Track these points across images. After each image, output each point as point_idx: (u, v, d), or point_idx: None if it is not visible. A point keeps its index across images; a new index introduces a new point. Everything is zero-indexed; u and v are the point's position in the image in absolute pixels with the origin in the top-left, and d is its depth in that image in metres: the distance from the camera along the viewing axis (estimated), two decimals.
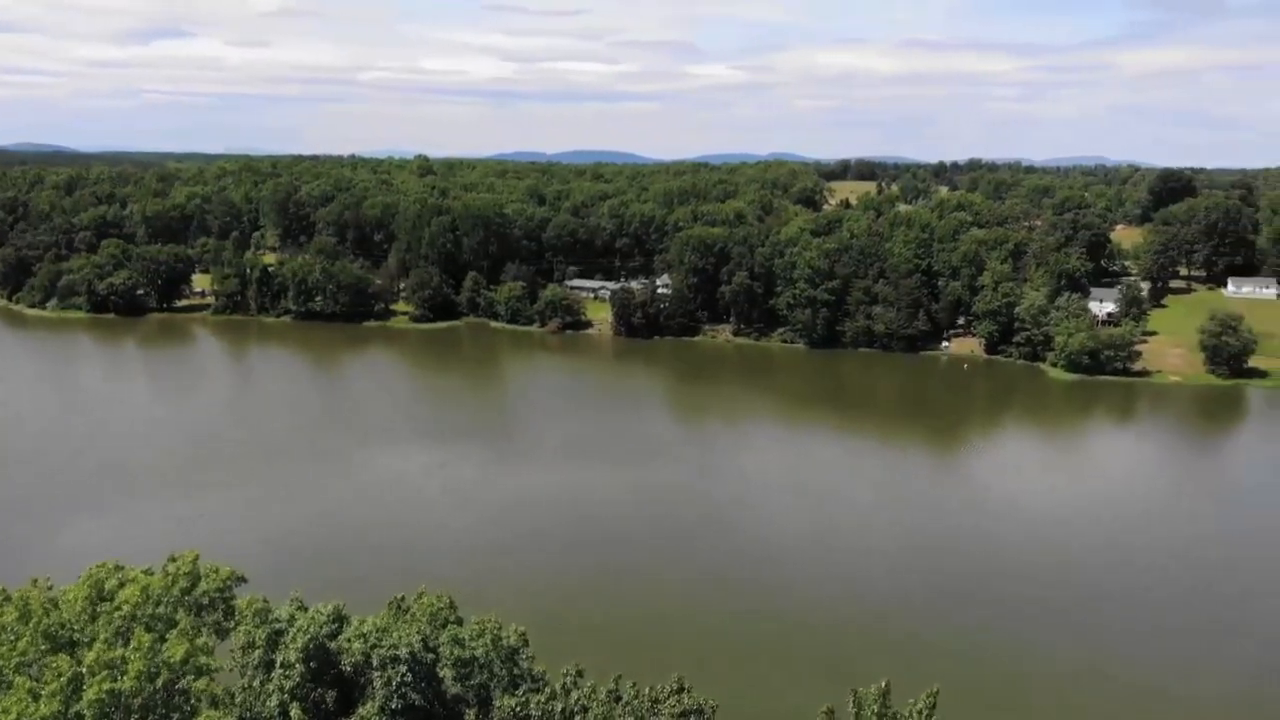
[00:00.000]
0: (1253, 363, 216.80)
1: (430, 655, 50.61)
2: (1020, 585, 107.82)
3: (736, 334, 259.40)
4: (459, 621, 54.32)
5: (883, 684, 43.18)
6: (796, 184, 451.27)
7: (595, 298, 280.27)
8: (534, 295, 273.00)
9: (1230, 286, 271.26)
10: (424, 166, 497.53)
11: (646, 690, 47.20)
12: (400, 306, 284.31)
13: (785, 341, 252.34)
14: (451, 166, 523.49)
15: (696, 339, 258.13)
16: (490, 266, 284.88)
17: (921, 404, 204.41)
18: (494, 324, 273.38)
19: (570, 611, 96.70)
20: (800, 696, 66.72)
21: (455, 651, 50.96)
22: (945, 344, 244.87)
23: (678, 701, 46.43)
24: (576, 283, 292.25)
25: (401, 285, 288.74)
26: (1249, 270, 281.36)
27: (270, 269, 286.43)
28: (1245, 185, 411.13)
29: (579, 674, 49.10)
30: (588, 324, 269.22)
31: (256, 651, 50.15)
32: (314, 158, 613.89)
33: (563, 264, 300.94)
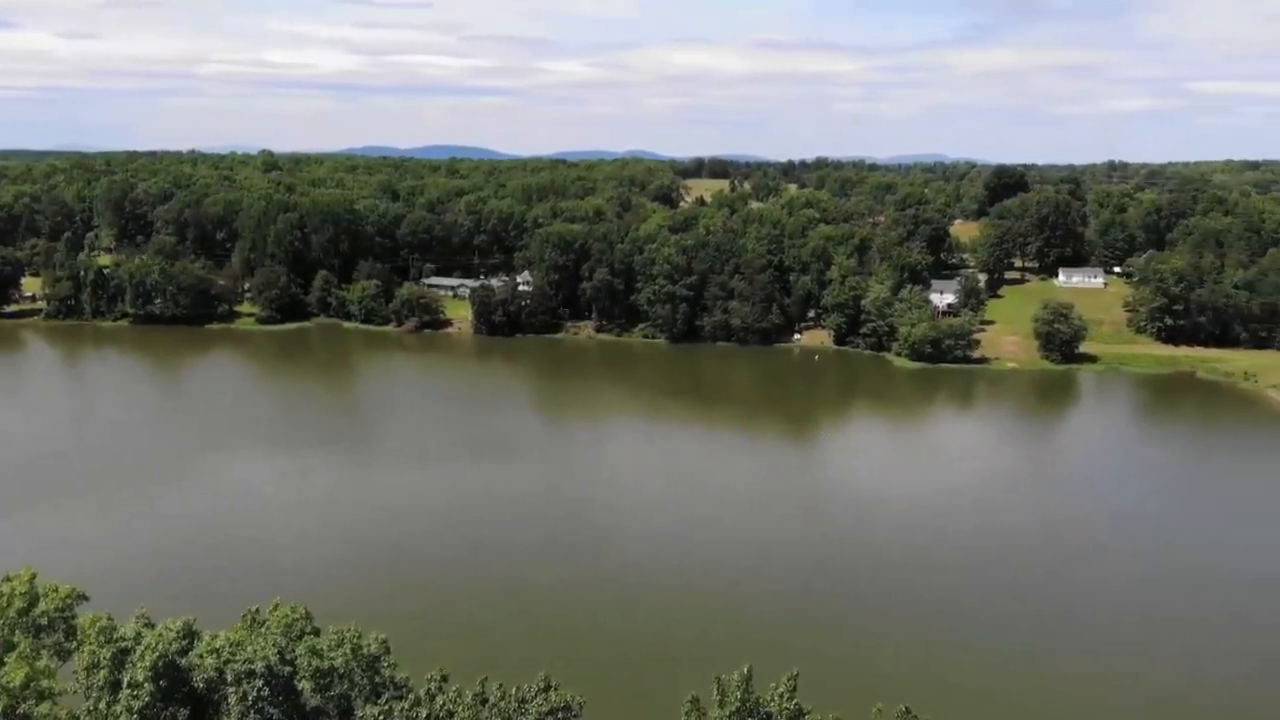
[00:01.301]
0: (1083, 348, 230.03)
1: (287, 668, 49.28)
2: (875, 569, 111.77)
3: (599, 330, 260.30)
4: (316, 632, 52.97)
5: (745, 670, 44.16)
6: (653, 181, 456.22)
7: (454, 296, 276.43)
8: (389, 294, 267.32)
9: (1061, 277, 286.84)
10: (269, 162, 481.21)
11: (513, 691, 47.02)
12: (245, 308, 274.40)
13: (646, 337, 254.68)
14: (298, 162, 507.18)
15: (559, 336, 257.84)
16: (342, 265, 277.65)
17: (777, 394, 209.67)
18: (347, 324, 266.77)
19: (436, 616, 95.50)
20: (667, 686, 67.60)
21: (314, 662, 49.73)
22: (797, 336, 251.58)
23: (545, 700, 46.43)
24: (434, 281, 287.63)
25: (246, 286, 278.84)
26: (1078, 261, 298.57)
27: (106, 271, 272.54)
28: (1074, 180, 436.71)
29: (444, 679, 48.51)
30: (447, 323, 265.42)
31: (102, 672, 47.95)
32: (151, 154, 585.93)
33: (419, 262, 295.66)
